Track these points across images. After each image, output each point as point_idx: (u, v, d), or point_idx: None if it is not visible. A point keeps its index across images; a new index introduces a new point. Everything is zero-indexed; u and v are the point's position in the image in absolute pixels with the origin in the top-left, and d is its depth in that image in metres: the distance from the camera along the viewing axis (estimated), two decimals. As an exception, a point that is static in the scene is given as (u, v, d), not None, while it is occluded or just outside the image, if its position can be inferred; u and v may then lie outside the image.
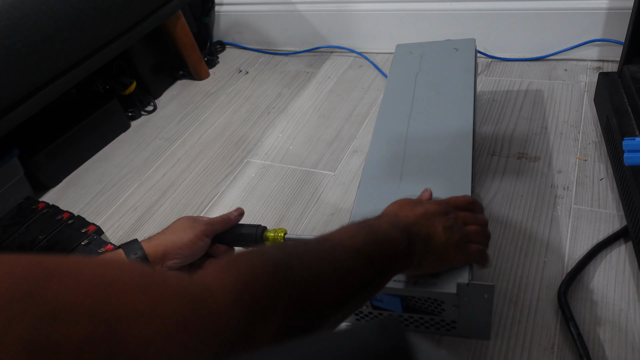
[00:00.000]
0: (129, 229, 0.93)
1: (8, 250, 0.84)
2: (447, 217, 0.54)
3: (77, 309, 0.23)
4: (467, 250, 0.54)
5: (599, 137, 0.87)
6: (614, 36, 1.03)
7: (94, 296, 0.24)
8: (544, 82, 1.04)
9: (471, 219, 0.56)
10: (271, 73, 1.34)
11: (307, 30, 1.37)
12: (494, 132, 0.94)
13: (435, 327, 0.62)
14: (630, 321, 0.60)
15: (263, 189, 0.95)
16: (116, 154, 1.16)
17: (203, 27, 1.45)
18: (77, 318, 0.23)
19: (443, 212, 0.54)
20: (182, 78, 1.40)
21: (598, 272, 0.66)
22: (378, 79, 1.20)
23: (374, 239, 0.46)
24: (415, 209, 0.53)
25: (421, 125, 0.75)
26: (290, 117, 1.14)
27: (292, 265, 0.37)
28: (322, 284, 0.38)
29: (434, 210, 0.54)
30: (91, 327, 0.23)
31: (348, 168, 0.95)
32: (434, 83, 0.83)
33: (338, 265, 0.41)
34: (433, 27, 1.20)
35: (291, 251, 0.39)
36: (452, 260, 0.54)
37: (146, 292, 0.26)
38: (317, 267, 0.39)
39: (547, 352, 0.59)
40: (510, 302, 0.65)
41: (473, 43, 0.90)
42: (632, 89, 0.78)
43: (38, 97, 0.90)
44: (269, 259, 0.36)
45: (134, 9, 1.03)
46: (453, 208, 0.56)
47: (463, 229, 0.54)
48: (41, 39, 0.84)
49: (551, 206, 0.77)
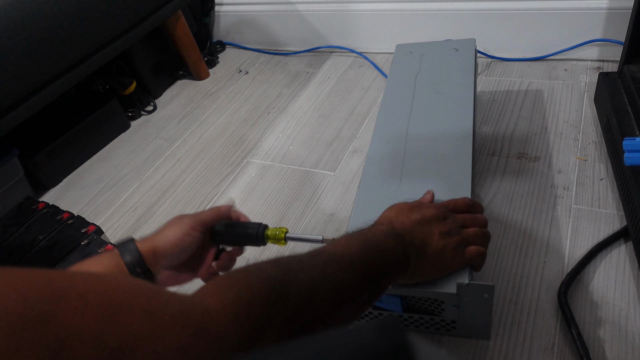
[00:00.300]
0: (129, 229, 0.93)
1: (8, 250, 0.84)
2: (445, 222, 0.54)
3: (84, 337, 0.24)
4: (467, 254, 0.54)
5: (599, 137, 0.87)
6: (614, 36, 1.03)
7: (101, 322, 0.25)
8: (544, 82, 1.04)
9: (470, 221, 0.56)
10: (271, 73, 1.34)
11: (307, 30, 1.37)
12: (494, 132, 0.94)
13: (435, 327, 0.62)
14: (630, 321, 0.60)
15: (263, 189, 0.95)
16: (116, 154, 1.16)
17: (203, 27, 1.45)
18: (84, 346, 0.23)
19: (441, 217, 0.54)
20: (182, 78, 1.40)
21: (598, 272, 0.66)
22: (378, 79, 1.20)
23: (368, 249, 0.46)
24: (412, 215, 0.53)
25: (421, 125, 0.75)
26: (290, 117, 1.14)
27: (287, 282, 0.38)
28: (317, 299, 0.39)
29: (431, 215, 0.53)
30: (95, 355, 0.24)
31: (348, 168, 0.95)
32: (434, 83, 0.83)
33: (332, 279, 0.41)
34: (433, 27, 1.20)
35: (286, 268, 0.40)
36: (450, 266, 0.53)
37: (151, 317, 0.27)
38: (312, 283, 0.40)
39: (547, 352, 0.59)
40: (510, 302, 0.65)
41: (473, 43, 0.90)
42: (632, 89, 0.78)
43: (38, 97, 0.90)
44: (266, 278, 0.37)
45: (134, 9, 1.03)
46: (451, 211, 0.56)
47: (462, 233, 0.54)
48: (41, 39, 0.84)
49: (551, 206, 0.77)
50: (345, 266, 0.43)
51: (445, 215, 0.54)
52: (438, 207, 0.55)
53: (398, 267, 0.48)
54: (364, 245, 0.46)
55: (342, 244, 0.46)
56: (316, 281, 0.40)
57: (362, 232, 0.49)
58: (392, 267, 0.48)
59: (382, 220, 0.53)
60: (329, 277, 0.41)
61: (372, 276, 0.45)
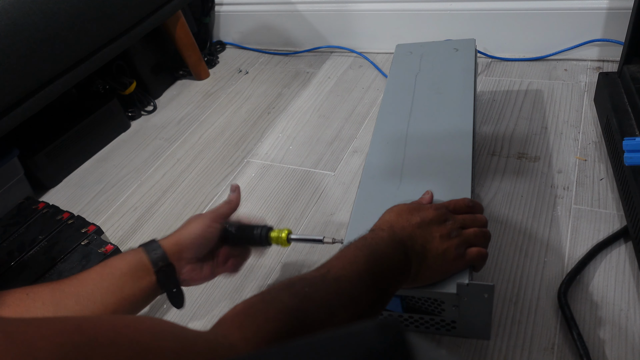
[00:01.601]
0: (129, 229, 0.93)
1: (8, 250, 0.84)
2: (445, 224, 0.54)
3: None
4: (467, 255, 0.54)
5: (599, 137, 0.87)
6: (614, 36, 1.03)
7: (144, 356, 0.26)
8: (544, 82, 1.04)
9: (470, 222, 0.56)
10: (271, 73, 1.34)
11: (307, 30, 1.37)
12: (494, 132, 0.94)
13: (435, 327, 0.62)
14: (630, 321, 0.60)
15: (263, 189, 0.95)
16: (116, 154, 1.16)
17: (203, 27, 1.45)
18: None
19: (441, 219, 0.54)
20: (182, 78, 1.40)
21: (598, 272, 0.66)
22: (378, 79, 1.20)
23: (374, 261, 0.47)
24: (412, 218, 0.53)
25: (421, 125, 0.75)
26: (290, 117, 1.14)
27: (305, 309, 0.39)
28: (334, 319, 0.40)
29: (431, 217, 0.53)
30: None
31: (348, 168, 0.95)
32: (434, 83, 0.83)
33: (345, 298, 0.43)
34: (433, 27, 1.20)
35: (301, 294, 0.41)
36: (451, 268, 0.53)
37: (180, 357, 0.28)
38: (328, 305, 0.41)
39: (547, 352, 0.59)
40: (510, 302, 0.65)
41: (473, 43, 0.90)
42: (632, 89, 0.78)
43: (38, 97, 0.90)
44: (284, 309, 0.38)
45: (134, 9, 1.03)
46: (451, 212, 0.56)
47: (462, 234, 0.54)
48: (41, 39, 0.84)
49: (551, 206, 0.77)
50: (356, 283, 0.44)
51: (446, 216, 0.54)
52: (438, 208, 0.55)
53: (403, 274, 0.49)
54: (369, 257, 0.47)
55: (348, 257, 0.46)
56: (332, 303, 0.41)
57: (365, 241, 0.49)
58: (398, 275, 0.48)
59: (383, 224, 0.53)
60: (343, 296, 0.42)
61: (381, 287, 0.46)
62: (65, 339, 0.24)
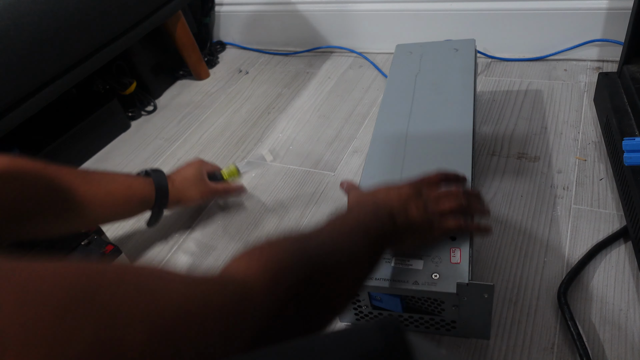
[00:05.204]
0: (129, 229, 0.93)
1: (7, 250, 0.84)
2: (420, 197, 0.57)
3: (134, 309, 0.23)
4: (444, 225, 0.57)
5: (598, 137, 0.87)
6: (614, 36, 1.03)
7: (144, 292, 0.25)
8: (544, 82, 1.04)
9: (444, 194, 0.59)
10: (271, 73, 1.34)
11: (307, 30, 1.37)
12: (494, 132, 0.94)
13: (435, 327, 0.62)
14: (630, 321, 0.60)
15: (263, 189, 0.95)
16: (116, 154, 1.16)
17: (203, 27, 1.45)
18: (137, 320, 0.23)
19: (416, 193, 0.57)
20: (182, 78, 1.40)
21: (598, 272, 0.66)
22: (378, 79, 1.20)
23: (365, 215, 0.50)
24: (390, 193, 0.56)
25: (421, 125, 0.75)
26: (290, 117, 1.14)
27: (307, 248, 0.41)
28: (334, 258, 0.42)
29: (407, 192, 0.56)
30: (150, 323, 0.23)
31: (348, 168, 0.95)
32: (434, 83, 0.83)
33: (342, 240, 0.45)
34: (433, 27, 1.20)
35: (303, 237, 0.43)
36: (429, 237, 0.57)
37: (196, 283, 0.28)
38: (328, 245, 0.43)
39: (547, 352, 0.59)
40: (510, 302, 0.65)
41: (473, 43, 0.90)
42: (632, 89, 0.78)
43: (38, 97, 0.90)
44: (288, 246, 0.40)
45: (134, 9, 1.03)
46: (426, 186, 0.59)
47: (437, 206, 0.57)
48: (41, 39, 0.84)
49: (551, 206, 0.77)
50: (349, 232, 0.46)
51: (419, 190, 0.58)
52: (411, 184, 0.58)
53: (390, 233, 0.52)
54: (361, 211, 0.51)
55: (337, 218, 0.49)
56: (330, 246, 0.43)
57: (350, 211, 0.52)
58: (386, 230, 0.51)
59: (364, 199, 0.57)
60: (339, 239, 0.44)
61: (374, 240, 0.48)
62: (72, 271, 0.23)
